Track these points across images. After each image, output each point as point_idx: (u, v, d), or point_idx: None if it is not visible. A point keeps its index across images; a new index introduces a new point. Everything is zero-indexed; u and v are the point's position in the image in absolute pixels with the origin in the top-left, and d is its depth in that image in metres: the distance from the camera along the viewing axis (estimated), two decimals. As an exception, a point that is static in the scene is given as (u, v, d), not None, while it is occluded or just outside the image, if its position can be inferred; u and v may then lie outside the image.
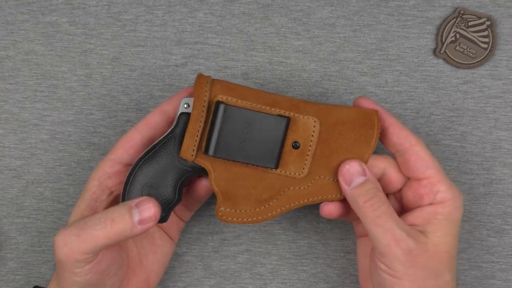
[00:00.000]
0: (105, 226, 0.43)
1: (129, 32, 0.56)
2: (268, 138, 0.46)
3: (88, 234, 0.43)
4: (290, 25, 0.56)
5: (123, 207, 0.44)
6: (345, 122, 0.47)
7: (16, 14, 0.56)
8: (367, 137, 0.47)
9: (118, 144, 0.48)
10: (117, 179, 0.47)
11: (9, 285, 0.56)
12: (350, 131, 0.47)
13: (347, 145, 0.47)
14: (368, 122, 0.47)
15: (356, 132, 0.47)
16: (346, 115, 0.47)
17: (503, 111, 0.56)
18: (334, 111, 0.47)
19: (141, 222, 0.43)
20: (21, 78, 0.56)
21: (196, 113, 0.45)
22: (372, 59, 0.56)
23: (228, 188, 0.46)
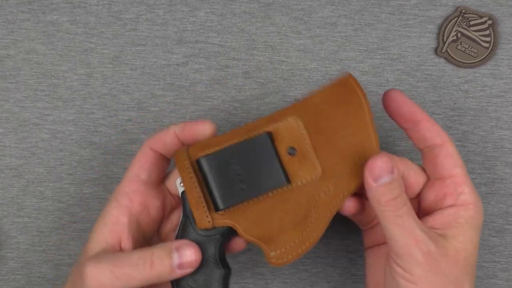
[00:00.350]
0: (144, 268, 0.42)
1: (130, 31, 0.56)
2: (261, 161, 0.43)
3: (123, 273, 0.41)
4: (291, 24, 0.56)
5: (163, 251, 0.42)
6: (324, 104, 0.44)
7: (16, 13, 0.56)
8: (356, 108, 0.43)
9: (137, 159, 0.46)
10: (139, 198, 0.46)
11: (10, 284, 0.55)
12: (334, 108, 0.44)
13: (340, 122, 0.44)
14: (349, 92, 0.44)
15: (343, 108, 0.44)
16: (321, 98, 0.44)
17: (504, 110, 0.56)
18: (309, 101, 0.44)
19: (181, 267, 0.42)
20: (22, 77, 0.56)
21: (187, 183, 0.44)
22: (373, 58, 0.56)
23: (261, 230, 0.44)
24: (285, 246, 0.44)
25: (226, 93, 0.56)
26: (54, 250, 0.56)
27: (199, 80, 0.56)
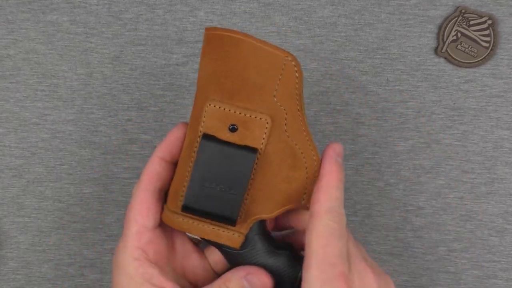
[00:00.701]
0: None
1: (130, 31, 0.56)
2: (222, 161, 0.43)
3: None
4: (291, 24, 0.56)
5: (235, 282, 0.42)
6: (216, 70, 0.43)
7: (16, 13, 0.56)
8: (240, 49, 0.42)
9: (132, 209, 0.44)
10: (153, 249, 0.44)
11: (10, 284, 0.55)
12: (225, 63, 0.43)
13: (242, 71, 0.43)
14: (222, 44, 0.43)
15: (227, 59, 0.43)
16: (211, 67, 0.43)
17: (504, 110, 0.56)
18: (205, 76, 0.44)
19: None
20: (22, 77, 0.56)
21: (196, 231, 0.44)
22: (373, 58, 0.56)
23: (279, 199, 0.44)
24: (306, 187, 0.44)
25: (226, 93, 0.56)
26: (54, 250, 0.56)
27: (199, 80, 0.56)
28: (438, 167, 0.55)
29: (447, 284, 0.55)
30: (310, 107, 0.56)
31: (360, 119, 0.56)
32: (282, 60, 0.42)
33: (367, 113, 0.56)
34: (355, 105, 0.56)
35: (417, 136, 0.56)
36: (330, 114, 0.56)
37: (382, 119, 0.56)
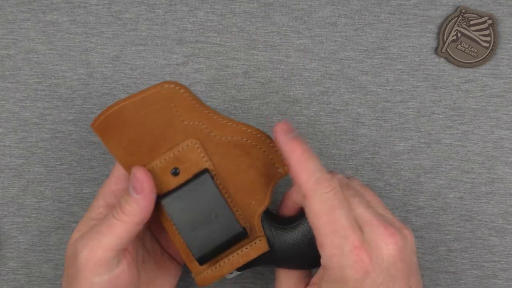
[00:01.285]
0: (118, 214, 0.42)
1: (130, 31, 0.56)
2: (192, 204, 0.44)
3: (106, 227, 0.42)
4: (291, 24, 0.56)
5: (125, 193, 0.44)
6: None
7: (16, 13, 0.56)
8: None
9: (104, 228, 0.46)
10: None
11: (10, 284, 0.55)
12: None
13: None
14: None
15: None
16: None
17: (504, 110, 0.56)
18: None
19: (136, 191, 0.43)
20: (22, 77, 0.56)
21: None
22: (373, 58, 0.56)
23: (258, 195, 0.45)
24: (271, 157, 0.45)
25: (226, 93, 0.56)
26: (54, 250, 0.56)
27: (199, 80, 0.56)
28: (438, 167, 0.55)
29: (447, 284, 0.55)
30: (310, 107, 0.56)
31: (360, 119, 0.56)
32: (163, 92, 0.44)
33: (367, 113, 0.56)
34: (355, 105, 0.56)
35: (417, 136, 0.56)
36: (330, 114, 0.56)
37: (382, 119, 0.56)
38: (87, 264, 0.42)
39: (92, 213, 0.46)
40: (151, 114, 0.44)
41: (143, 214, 0.43)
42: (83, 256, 0.42)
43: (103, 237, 0.42)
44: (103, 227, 0.42)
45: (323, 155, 0.56)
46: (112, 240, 0.42)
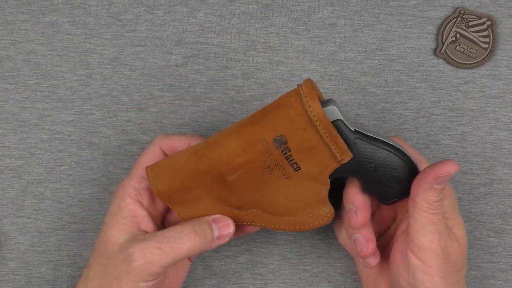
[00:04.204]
0: (189, 239, 0.44)
1: (130, 32, 0.56)
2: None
3: (171, 247, 0.44)
4: (291, 25, 0.56)
5: (204, 223, 0.46)
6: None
7: (16, 14, 0.56)
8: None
9: (141, 159, 0.48)
10: (146, 195, 0.48)
11: (9, 285, 0.55)
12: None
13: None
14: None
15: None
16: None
17: (503, 111, 0.56)
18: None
19: (219, 238, 0.46)
20: (21, 78, 0.56)
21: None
22: (372, 59, 0.56)
23: None
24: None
25: (226, 94, 0.56)
26: (53, 251, 0.56)
27: (198, 81, 0.56)
28: (437, 168, 0.56)
29: (446, 284, 0.55)
30: (310, 108, 0.56)
31: (359, 120, 0.56)
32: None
33: (366, 114, 0.56)
34: (354, 106, 0.56)
35: (416, 137, 0.56)
36: (330, 115, 0.56)
37: (381, 120, 0.56)
38: (140, 272, 0.44)
39: (124, 212, 0.47)
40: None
41: (208, 249, 0.46)
42: (139, 265, 0.44)
43: (165, 256, 0.44)
44: (167, 245, 0.44)
45: (322, 156, 0.56)
46: (172, 260, 0.44)
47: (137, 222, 0.47)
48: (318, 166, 0.45)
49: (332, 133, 0.44)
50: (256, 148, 0.45)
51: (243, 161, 0.45)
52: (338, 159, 0.45)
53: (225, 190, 0.46)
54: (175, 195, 0.47)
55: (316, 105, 0.44)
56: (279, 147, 0.44)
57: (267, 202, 0.47)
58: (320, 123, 0.44)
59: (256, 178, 0.46)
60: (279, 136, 0.44)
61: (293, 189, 0.46)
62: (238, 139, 0.45)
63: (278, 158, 0.45)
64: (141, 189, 0.48)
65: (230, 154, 0.45)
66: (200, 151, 0.46)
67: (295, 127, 0.44)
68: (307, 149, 0.44)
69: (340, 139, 0.44)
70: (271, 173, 0.45)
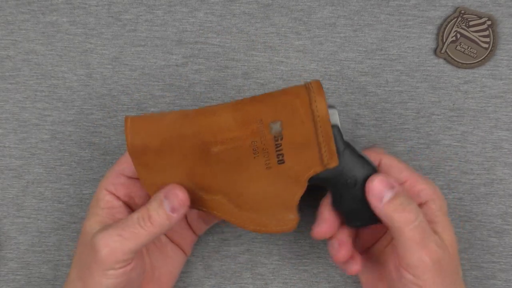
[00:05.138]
0: (145, 224, 0.44)
1: (130, 32, 0.56)
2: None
3: (131, 233, 0.44)
4: (291, 24, 0.56)
5: (155, 202, 0.45)
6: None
7: (16, 14, 0.56)
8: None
9: (124, 158, 0.48)
10: (123, 190, 0.48)
11: (10, 285, 0.55)
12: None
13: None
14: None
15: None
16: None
17: (504, 111, 0.56)
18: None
19: (173, 210, 0.45)
20: (22, 78, 0.56)
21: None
22: (372, 59, 0.56)
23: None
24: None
25: (226, 94, 0.56)
26: (53, 251, 0.56)
27: (198, 81, 0.56)
28: (437, 168, 0.56)
29: (446, 284, 0.55)
30: (310, 108, 0.56)
31: (359, 120, 0.56)
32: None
33: (367, 114, 0.56)
34: (354, 106, 0.56)
35: (416, 137, 0.56)
36: (330, 115, 0.56)
37: (382, 120, 0.56)
38: (106, 261, 0.44)
39: (100, 203, 0.48)
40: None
41: (171, 227, 0.46)
42: (103, 254, 0.44)
43: (127, 242, 0.44)
44: (127, 231, 0.44)
45: (323, 156, 0.56)
46: (135, 246, 0.44)
47: (113, 213, 0.47)
48: (302, 164, 0.45)
49: (328, 133, 0.44)
50: (250, 126, 0.44)
51: (234, 136, 0.44)
52: (324, 162, 0.44)
53: (201, 163, 0.45)
54: (147, 155, 0.45)
55: (322, 101, 0.44)
56: (273, 132, 0.44)
57: (238, 190, 0.46)
58: (321, 120, 0.44)
59: (239, 159, 0.45)
60: (277, 121, 0.44)
61: (269, 183, 0.45)
62: (235, 113, 0.44)
63: (268, 144, 0.44)
64: (118, 184, 0.48)
65: (222, 125, 0.44)
66: (191, 115, 0.45)
67: (295, 117, 0.44)
68: (299, 144, 0.44)
69: (333, 142, 0.44)
70: (254, 157, 0.45)
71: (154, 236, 0.45)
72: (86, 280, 0.45)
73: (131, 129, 0.45)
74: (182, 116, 0.45)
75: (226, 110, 0.45)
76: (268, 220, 0.46)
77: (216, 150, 0.45)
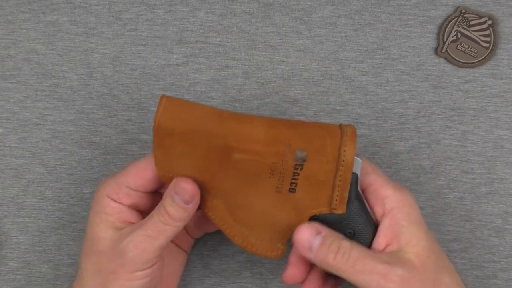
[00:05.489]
0: (165, 220, 0.44)
1: (130, 31, 0.56)
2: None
3: (156, 231, 0.44)
4: (291, 24, 0.56)
5: (168, 198, 0.45)
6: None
7: (17, 13, 0.56)
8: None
9: (129, 170, 0.47)
10: (127, 199, 0.47)
11: (10, 284, 0.55)
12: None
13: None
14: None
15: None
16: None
17: (504, 110, 0.56)
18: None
19: (187, 202, 0.44)
20: (22, 77, 0.56)
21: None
22: (373, 58, 0.56)
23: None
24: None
25: (226, 93, 0.56)
26: (54, 250, 0.56)
27: (199, 80, 0.56)
28: (438, 167, 0.55)
29: (447, 284, 0.55)
30: (310, 107, 0.56)
31: (360, 119, 0.56)
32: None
33: (367, 113, 0.56)
34: (355, 105, 0.56)
35: (417, 136, 0.56)
36: (330, 114, 0.56)
37: (382, 119, 0.56)
38: (136, 262, 0.44)
39: (107, 209, 0.46)
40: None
41: (190, 218, 0.45)
42: (133, 255, 0.44)
43: (154, 240, 0.44)
44: (152, 230, 0.44)
45: (323, 155, 0.56)
46: (163, 242, 0.44)
47: (122, 216, 0.47)
48: (311, 200, 0.45)
49: (347, 181, 0.44)
50: (277, 146, 0.44)
51: (259, 150, 0.44)
52: (332, 206, 0.44)
53: (218, 164, 0.45)
54: (171, 138, 0.44)
55: (352, 147, 0.44)
56: (296, 159, 0.44)
57: (240, 202, 0.45)
58: (345, 166, 0.44)
59: (254, 173, 0.45)
60: (304, 151, 0.44)
61: (272, 206, 0.45)
62: (268, 128, 0.45)
63: (287, 169, 0.44)
64: (121, 194, 0.47)
65: (251, 135, 0.44)
66: (225, 115, 0.45)
67: (321, 153, 0.44)
68: (315, 180, 0.44)
69: (347, 191, 0.44)
70: (269, 177, 0.45)
71: (178, 230, 0.45)
72: (109, 285, 0.45)
73: (164, 108, 0.44)
74: (217, 114, 0.45)
75: (261, 123, 0.45)
76: (258, 241, 0.46)
77: (237, 157, 0.44)
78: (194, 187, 0.45)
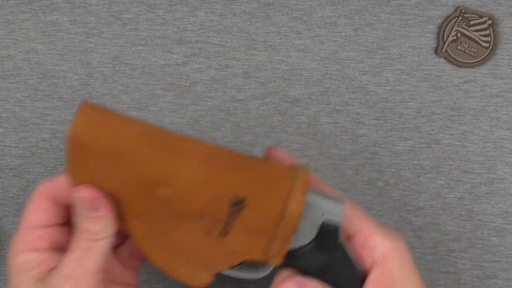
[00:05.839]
0: (88, 235, 0.39)
1: (130, 31, 0.56)
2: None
3: (83, 251, 0.39)
4: (291, 24, 0.56)
5: (77, 216, 0.40)
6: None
7: (17, 13, 0.56)
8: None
9: (31, 207, 0.42)
10: (44, 242, 0.41)
11: (10, 284, 0.55)
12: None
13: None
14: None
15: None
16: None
17: (504, 110, 0.56)
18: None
19: (93, 209, 0.38)
20: (22, 77, 0.56)
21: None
22: (373, 58, 0.56)
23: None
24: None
25: (226, 93, 0.56)
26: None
27: (199, 80, 0.56)
28: (438, 167, 0.55)
29: (447, 284, 0.55)
30: (310, 107, 0.56)
31: (360, 119, 0.56)
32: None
33: (367, 113, 0.56)
34: (355, 105, 0.56)
35: (417, 136, 0.56)
36: (330, 114, 0.56)
37: (382, 119, 0.56)
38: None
39: (28, 265, 0.41)
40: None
41: (114, 226, 0.40)
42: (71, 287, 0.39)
43: (87, 260, 0.39)
44: (82, 252, 0.39)
45: (323, 155, 0.56)
46: (97, 261, 0.40)
47: (45, 265, 0.41)
48: (244, 247, 0.40)
49: (288, 234, 0.40)
50: (212, 190, 0.38)
51: (189, 190, 0.38)
52: (268, 256, 0.41)
53: (141, 194, 0.38)
54: (88, 153, 0.37)
55: (300, 200, 0.39)
56: (233, 205, 0.39)
57: (165, 231, 0.40)
58: (287, 221, 0.39)
59: (180, 215, 0.39)
60: (243, 197, 0.39)
61: (201, 245, 0.41)
62: (206, 167, 0.38)
63: (221, 214, 0.39)
64: (34, 238, 0.41)
65: (183, 173, 0.38)
66: (158, 139, 0.38)
67: (264, 201, 0.39)
68: (253, 228, 0.40)
69: (288, 244, 0.40)
70: (198, 219, 0.39)
71: (108, 242, 0.40)
72: None
73: (85, 117, 0.37)
74: (149, 135, 0.38)
75: (199, 158, 0.38)
76: (181, 268, 0.42)
77: (163, 193, 0.38)
78: (92, 191, 0.39)
